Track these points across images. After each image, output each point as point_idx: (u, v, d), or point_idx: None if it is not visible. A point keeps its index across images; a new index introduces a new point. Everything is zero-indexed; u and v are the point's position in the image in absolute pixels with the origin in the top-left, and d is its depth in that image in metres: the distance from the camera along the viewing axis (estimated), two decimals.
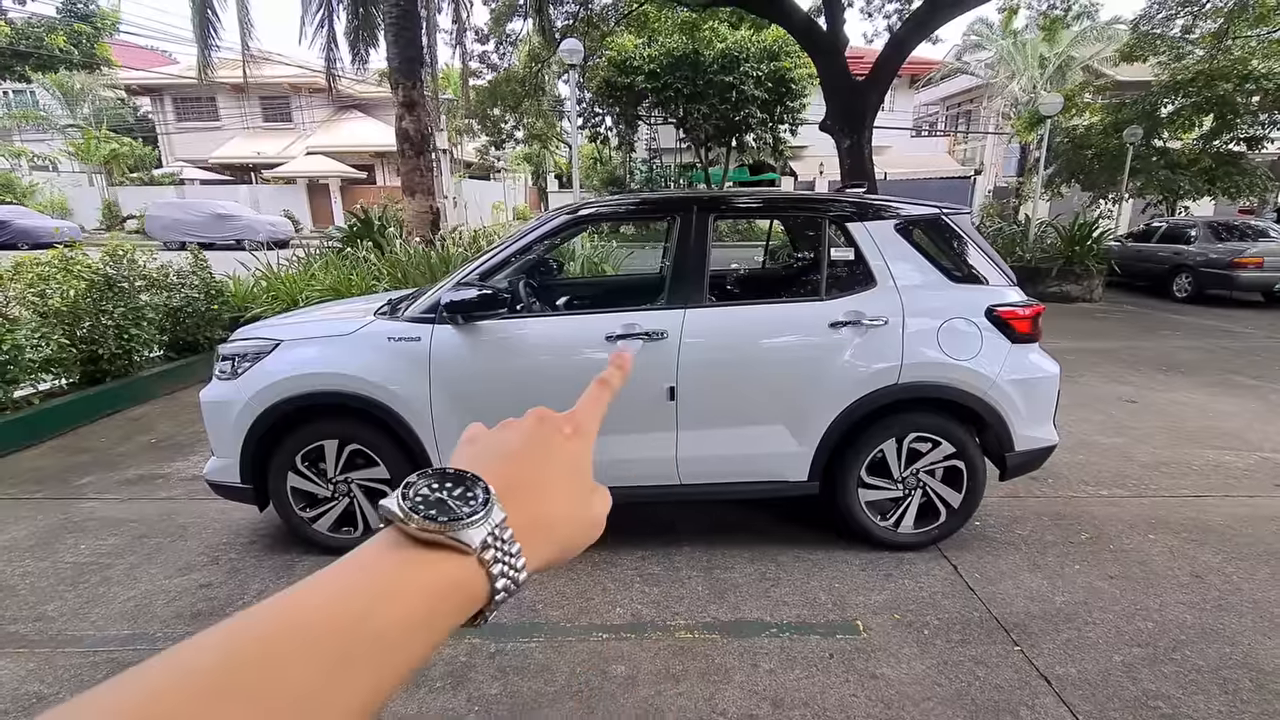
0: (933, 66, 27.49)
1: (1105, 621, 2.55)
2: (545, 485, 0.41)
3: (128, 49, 27.19)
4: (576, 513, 0.42)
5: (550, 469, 0.42)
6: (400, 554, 0.35)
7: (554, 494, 0.41)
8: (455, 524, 0.35)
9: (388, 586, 0.33)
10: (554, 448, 0.43)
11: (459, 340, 2.85)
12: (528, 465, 0.41)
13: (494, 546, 0.36)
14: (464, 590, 0.35)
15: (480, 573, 0.35)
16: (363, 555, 0.35)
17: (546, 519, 0.40)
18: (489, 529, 0.36)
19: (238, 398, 2.90)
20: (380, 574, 0.34)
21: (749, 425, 2.93)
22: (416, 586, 0.33)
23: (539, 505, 0.40)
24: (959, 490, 2.99)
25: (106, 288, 5.31)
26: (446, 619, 0.34)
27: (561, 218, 3.09)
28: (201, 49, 9.57)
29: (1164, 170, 15.16)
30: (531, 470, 0.41)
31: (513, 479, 0.39)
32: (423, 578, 0.34)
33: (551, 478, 0.41)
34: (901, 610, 2.63)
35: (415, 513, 0.35)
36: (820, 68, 11.68)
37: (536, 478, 0.41)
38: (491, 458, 0.41)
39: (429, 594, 0.34)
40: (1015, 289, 3.00)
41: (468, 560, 0.35)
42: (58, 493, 3.80)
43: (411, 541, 0.35)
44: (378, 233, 8.52)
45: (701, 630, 2.52)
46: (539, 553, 0.39)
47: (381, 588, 0.33)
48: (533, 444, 0.42)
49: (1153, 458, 4.19)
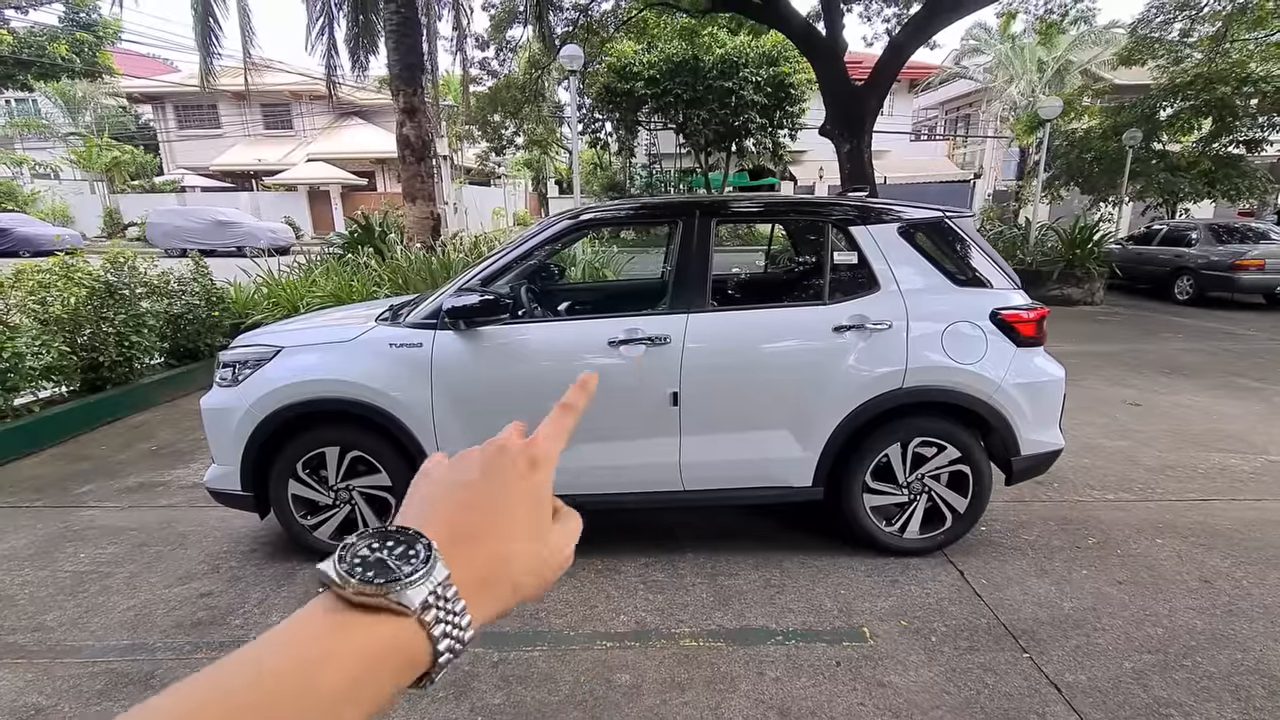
0: (931, 71, 27.59)
1: (1114, 628, 2.52)
2: (499, 528, 0.39)
3: (130, 57, 27.31)
4: (534, 550, 0.40)
5: (505, 509, 0.40)
6: (335, 618, 0.33)
7: (508, 537, 0.39)
8: (393, 585, 0.33)
9: (320, 653, 0.32)
10: (510, 485, 0.41)
11: (461, 346, 2.84)
12: (481, 507, 0.39)
13: (436, 606, 0.34)
14: (403, 653, 0.34)
15: (421, 634, 0.34)
16: (294, 623, 0.33)
17: (499, 567, 0.38)
18: (430, 588, 0.34)
19: (239, 405, 2.89)
20: (312, 641, 0.32)
21: (753, 430, 2.91)
22: (351, 650, 0.32)
23: (491, 551, 0.38)
24: (965, 495, 2.96)
25: (107, 295, 5.30)
26: (386, 683, 0.33)
27: (563, 223, 3.08)
28: (203, 57, 9.60)
29: (1164, 173, 15.18)
30: (485, 512, 0.39)
31: (463, 526, 0.38)
32: (357, 641, 0.32)
33: (506, 519, 0.40)
34: (908, 617, 2.60)
35: (351, 576, 0.33)
36: (819, 72, 11.71)
37: (490, 521, 0.39)
38: (442, 501, 0.40)
39: (365, 657, 0.32)
40: (1019, 292, 2.99)
41: (407, 622, 0.34)
42: (57, 501, 3.78)
43: (348, 606, 0.33)
44: (379, 239, 8.53)
45: (706, 638, 2.50)
46: (486, 607, 0.38)
47: (313, 655, 0.31)
48: (488, 482, 0.40)
49: (1158, 461, 4.17)
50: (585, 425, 1.66)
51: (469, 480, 0.41)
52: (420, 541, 0.36)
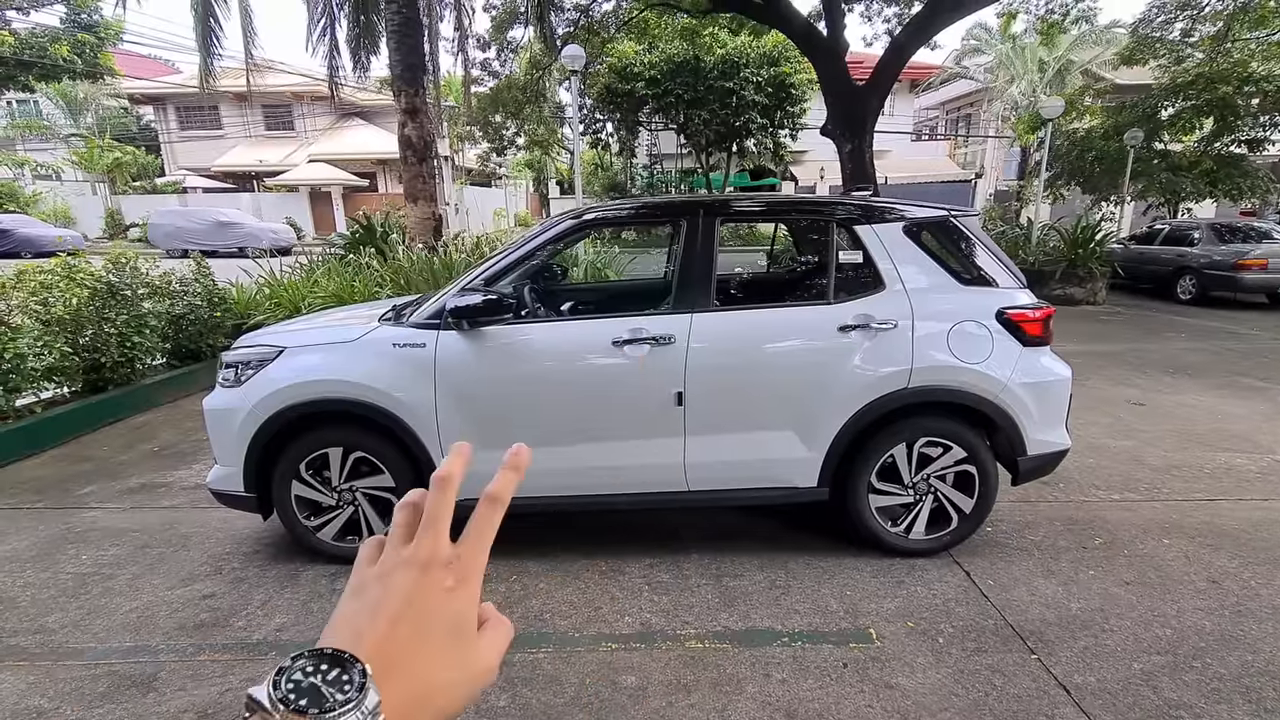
0: (932, 71, 27.57)
1: (1123, 628, 2.50)
2: (424, 654, 0.39)
3: (131, 58, 27.35)
4: (455, 677, 0.40)
5: (430, 634, 0.40)
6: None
7: (433, 663, 0.39)
8: (325, 715, 0.33)
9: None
10: (434, 608, 0.40)
11: (464, 346, 2.83)
12: (403, 633, 0.39)
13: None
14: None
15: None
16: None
17: (424, 693, 0.38)
18: (361, 717, 0.34)
19: (241, 405, 2.88)
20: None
21: (758, 431, 2.89)
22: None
23: (413, 681, 0.38)
24: (971, 495, 2.95)
25: (109, 295, 5.30)
26: None
27: (567, 222, 3.06)
28: (204, 57, 9.59)
29: (1165, 172, 15.15)
30: (408, 638, 0.39)
31: (388, 652, 0.38)
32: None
33: (431, 644, 0.39)
34: (915, 618, 2.59)
35: (284, 704, 0.33)
36: (821, 73, 11.70)
37: (411, 648, 0.39)
38: (369, 623, 0.39)
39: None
40: (1025, 291, 2.97)
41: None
42: (59, 502, 3.77)
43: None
44: (380, 239, 8.52)
45: (712, 639, 2.48)
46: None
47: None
48: (412, 605, 0.40)
49: (1164, 461, 4.15)
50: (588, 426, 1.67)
51: (392, 610, 0.40)
52: (355, 667, 0.35)
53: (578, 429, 2.90)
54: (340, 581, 2.91)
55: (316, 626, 2.60)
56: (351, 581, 0.43)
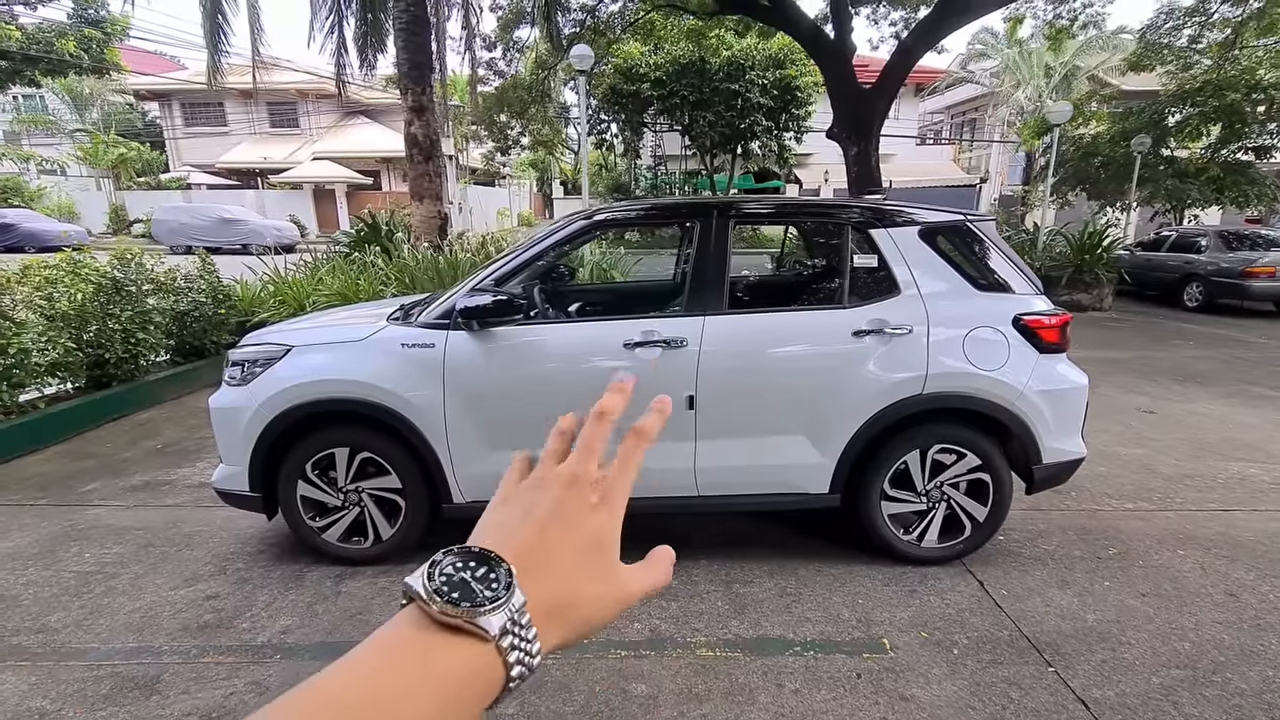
0: (938, 75, 27.54)
1: (1140, 641, 2.47)
2: (566, 563, 0.40)
3: (137, 54, 27.35)
4: (597, 591, 0.41)
5: (572, 545, 0.40)
6: (423, 639, 0.35)
7: (575, 573, 0.40)
8: (477, 610, 0.35)
9: (413, 676, 0.33)
10: (578, 522, 0.41)
11: (474, 347, 2.79)
12: (551, 539, 0.40)
13: (512, 633, 0.36)
14: (483, 677, 0.35)
15: (497, 660, 0.35)
16: (387, 640, 0.35)
17: (565, 600, 0.39)
18: (509, 614, 0.36)
19: (248, 404, 2.85)
20: (406, 662, 0.34)
21: (770, 436, 2.86)
22: (440, 673, 0.34)
23: (558, 585, 0.39)
24: (984, 504, 2.91)
25: (114, 291, 5.27)
26: (467, 707, 0.35)
27: (578, 223, 3.03)
28: (211, 54, 9.57)
29: (1172, 179, 15.09)
30: (554, 545, 0.40)
31: (534, 555, 0.39)
32: (445, 664, 0.34)
33: (573, 555, 0.40)
34: (929, 628, 2.55)
35: (439, 595, 0.35)
36: (827, 75, 11.67)
37: (558, 554, 0.40)
38: (517, 531, 0.40)
39: (451, 682, 0.34)
40: (1042, 297, 2.94)
41: (486, 647, 0.35)
42: (62, 499, 3.74)
43: (432, 624, 0.35)
44: (385, 237, 8.49)
45: (723, 648, 2.45)
46: (553, 636, 0.38)
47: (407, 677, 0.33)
48: (558, 515, 0.41)
49: (1176, 470, 4.11)
50: None
51: (539, 514, 0.41)
52: (501, 566, 0.37)
53: None
54: (345, 584, 2.88)
55: (322, 629, 2.57)
56: (499, 493, 0.45)
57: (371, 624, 2.60)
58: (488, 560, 0.37)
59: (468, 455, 2.82)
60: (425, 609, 0.35)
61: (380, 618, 2.63)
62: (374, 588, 2.86)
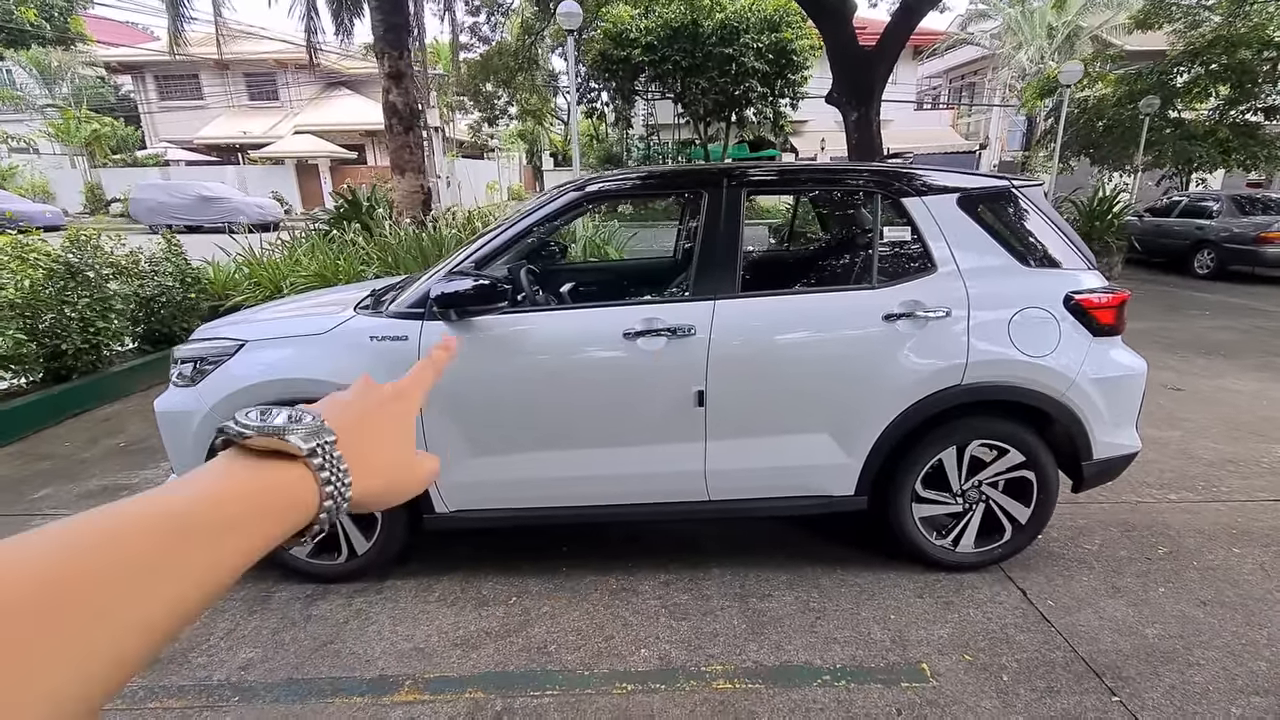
0: (937, 37, 26.75)
1: (1211, 661, 2.20)
2: (372, 429, 0.46)
3: (106, 24, 26.26)
4: (401, 458, 0.48)
5: (376, 418, 0.48)
6: (235, 460, 0.39)
7: (380, 437, 0.47)
8: (285, 431, 0.40)
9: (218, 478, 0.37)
10: (378, 402, 0.49)
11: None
12: (355, 411, 0.47)
13: (321, 455, 0.40)
14: (292, 489, 0.39)
15: (309, 478, 0.40)
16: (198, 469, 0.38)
17: (373, 454, 0.45)
18: (318, 440, 0.41)
19: (198, 407, 2.50)
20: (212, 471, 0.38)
21: (789, 434, 2.54)
22: (245, 477, 0.38)
23: (366, 442, 0.45)
24: (1027, 504, 2.62)
25: (69, 277, 4.86)
26: (277, 514, 0.38)
27: (567, 195, 2.66)
28: (173, 19, 8.97)
29: (1179, 141, 14.65)
30: (359, 415, 0.47)
31: (342, 421, 0.44)
32: (252, 472, 0.38)
33: (377, 424, 0.47)
34: (971, 649, 2.27)
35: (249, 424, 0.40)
36: (826, 37, 11.11)
37: (364, 422, 0.46)
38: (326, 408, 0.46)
39: (257, 488, 0.38)
40: (1095, 273, 2.60)
41: (296, 464, 0.40)
42: (9, 508, 3.42)
43: (246, 453, 0.39)
44: (366, 214, 8.05)
45: (742, 678, 2.16)
46: (366, 481, 0.44)
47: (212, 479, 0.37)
48: (360, 397, 0.49)
49: (1216, 454, 3.83)
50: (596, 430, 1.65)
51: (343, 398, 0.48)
52: (308, 414, 0.43)
53: (584, 433, 2.54)
54: (317, 605, 2.58)
55: (288, 663, 2.27)
56: None
57: (344, 654, 2.31)
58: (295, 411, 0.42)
59: (449, 461, 2.50)
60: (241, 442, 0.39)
61: (354, 645, 2.35)
62: (348, 609, 2.55)
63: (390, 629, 2.44)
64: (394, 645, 2.35)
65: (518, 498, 2.61)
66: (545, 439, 2.54)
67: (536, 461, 2.56)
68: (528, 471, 2.55)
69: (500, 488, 2.58)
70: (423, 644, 2.35)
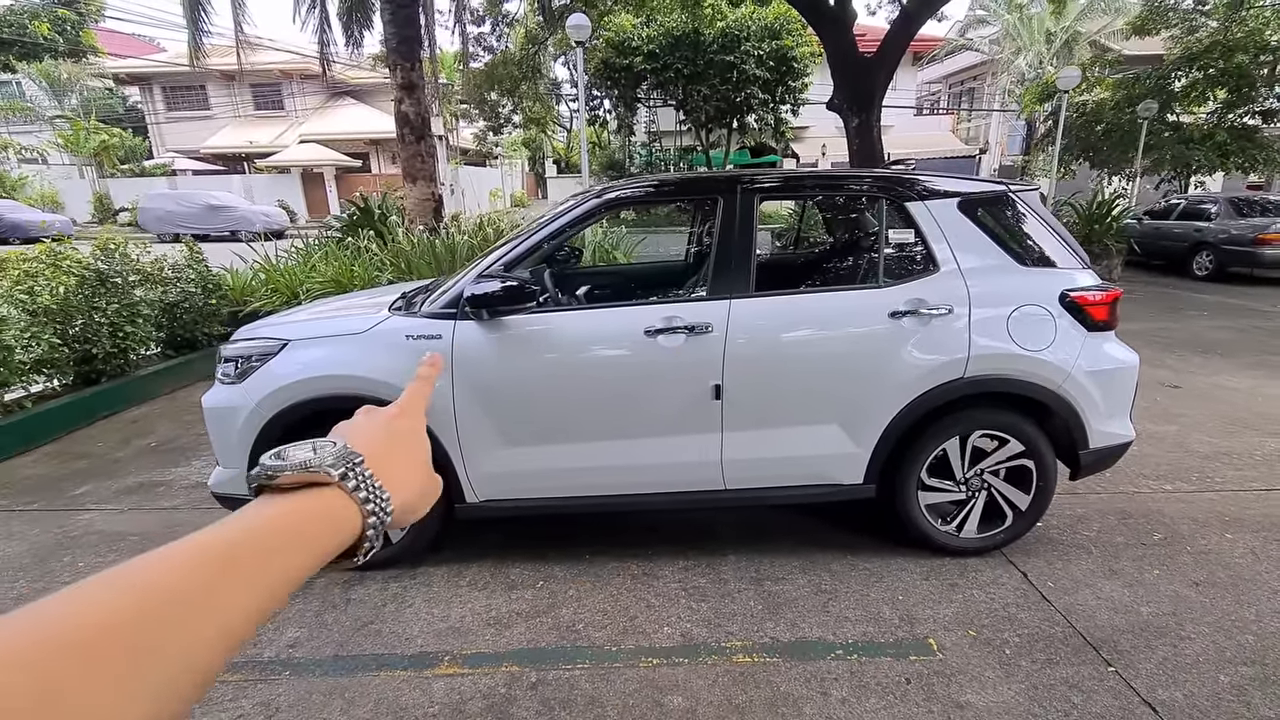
0: (937, 43, 26.99)
1: (1201, 635, 2.33)
2: (393, 447, 0.50)
3: (115, 37, 26.58)
4: (424, 469, 0.52)
5: (392, 437, 0.51)
6: (268, 499, 0.41)
7: (401, 453, 0.50)
8: (312, 463, 0.42)
9: (258, 513, 0.39)
10: (384, 421, 0.52)
11: (484, 337, 2.60)
12: (373, 434, 0.50)
13: (355, 478, 0.43)
14: (331, 512, 0.41)
15: (348, 501, 0.42)
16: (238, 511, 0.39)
17: (401, 469, 0.49)
18: (347, 465, 0.43)
19: (244, 403, 2.66)
20: (251, 509, 0.39)
21: (800, 425, 2.69)
22: (286, 509, 0.40)
23: (391, 460, 0.48)
24: (1027, 491, 2.76)
25: (99, 283, 5.04)
26: (320, 538, 0.40)
27: (590, 202, 2.83)
28: (193, 33, 9.18)
29: (1177, 145, 14.81)
30: (378, 437, 0.50)
31: (364, 444, 0.47)
32: (290, 504, 0.40)
33: (395, 442, 0.51)
34: (976, 626, 2.41)
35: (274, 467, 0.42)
36: (827, 44, 11.31)
37: (383, 442, 0.49)
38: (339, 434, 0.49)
39: (297, 516, 0.40)
40: (1089, 272, 2.76)
41: (332, 489, 0.42)
42: (53, 504, 3.57)
43: (281, 493, 0.41)
44: (379, 221, 8.22)
45: (761, 653, 2.30)
46: (402, 495, 0.47)
47: (252, 514, 0.39)
48: (371, 421, 0.52)
49: (1211, 447, 3.97)
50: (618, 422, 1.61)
51: (358, 424, 0.52)
52: (329, 442, 0.45)
53: (607, 425, 2.69)
54: (355, 590, 2.73)
55: (333, 641, 2.42)
56: None
57: (385, 633, 2.46)
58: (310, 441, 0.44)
59: (480, 453, 2.65)
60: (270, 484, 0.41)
61: (393, 625, 2.50)
62: (385, 594, 2.70)
63: (426, 611, 2.58)
64: (431, 625, 2.50)
65: (544, 487, 2.76)
66: (570, 431, 2.69)
67: (562, 452, 2.71)
68: (554, 462, 2.70)
69: (527, 478, 2.73)
70: (458, 624, 2.50)
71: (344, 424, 0.52)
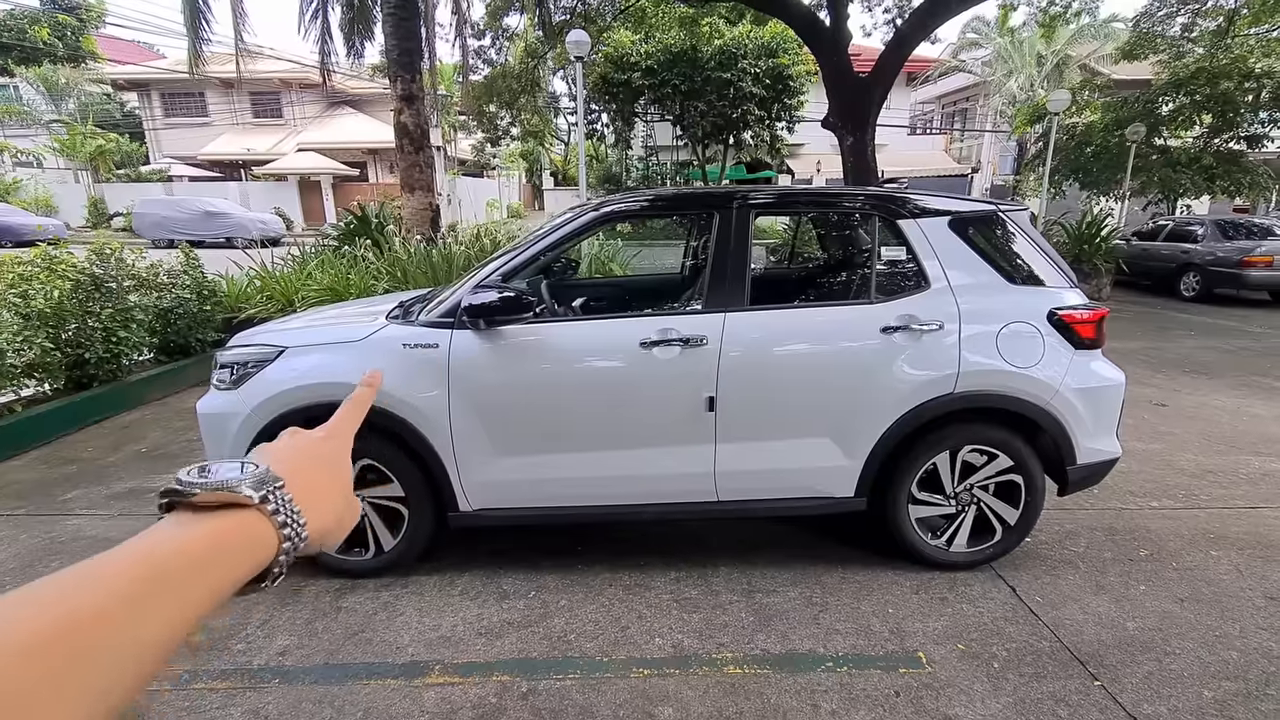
0: (930, 64, 27.43)
1: (1186, 651, 2.36)
2: (314, 471, 0.49)
3: (114, 43, 26.68)
4: (344, 494, 0.51)
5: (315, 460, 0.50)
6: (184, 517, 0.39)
7: (322, 477, 0.49)
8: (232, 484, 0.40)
9: (185, 532, 0.38)
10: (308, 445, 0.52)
11: (480, 347, 2.63)
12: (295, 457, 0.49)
13: (274, 501, 0.42)
14: (249, 533, 0.40)
15: (265, 522, 0.41)
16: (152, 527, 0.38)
17: (320, 494, 0.48)
18: (267, 488, 0.42)
19: (239, 410, 2.67)
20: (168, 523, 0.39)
21: (793, 438, 2.72)
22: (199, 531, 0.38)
23: (312, 484, 0.47)
24: (1016, 506, 2.79)
25: (93, 288, 5.04)
26: (235, 557, 0.39)
27: (588, 215, 2.86)
28: (192, 41, 9.24)
29: (1164, 168, 15.08)
30: (300, 459, 0.49)
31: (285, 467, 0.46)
32: (205, 525, 0.39)
33: (317, 466, 0.50)
34: (965, 639, 2.43)
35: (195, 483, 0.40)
36: (822, 64, 11.48)
37: (305, 465, 0.49)
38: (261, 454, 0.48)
39: (211, 536, 0.38)
40: (1076, 291, 2.81)
41: (250, 511, 0.41)
42: (42, 508, 3.55)
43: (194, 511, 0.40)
44: (376, 230, 8.25)
45: (751, 664, 2.31)
46: (319, 520, 0.46)
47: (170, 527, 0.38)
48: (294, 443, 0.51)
49: (1197, 465, 4.02)
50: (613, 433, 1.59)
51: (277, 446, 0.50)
52: (248, 461, 0.44)
53: (602, 436, 2.71)
54: (346, 598, 2.72)
55: (323, 649, 2.41)
56: None
57: (375, 641, 2.45)
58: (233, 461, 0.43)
59: (474, 462, 2.67)
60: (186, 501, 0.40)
61: (384, 634, 2.49)
62: (376, 602, 2.70)
63: (417, 620, 2.58)
64: (422, 634, 2.49)
65: (537, 496, 2.77)
66: (565, 441, 2.71)
67: (556, 462, 2.72)
68: (548, 472, 2.72)
69: (522, 487, 2.74)
70: (449, 633, 2.50)
71: (267, 445, 0.50)
